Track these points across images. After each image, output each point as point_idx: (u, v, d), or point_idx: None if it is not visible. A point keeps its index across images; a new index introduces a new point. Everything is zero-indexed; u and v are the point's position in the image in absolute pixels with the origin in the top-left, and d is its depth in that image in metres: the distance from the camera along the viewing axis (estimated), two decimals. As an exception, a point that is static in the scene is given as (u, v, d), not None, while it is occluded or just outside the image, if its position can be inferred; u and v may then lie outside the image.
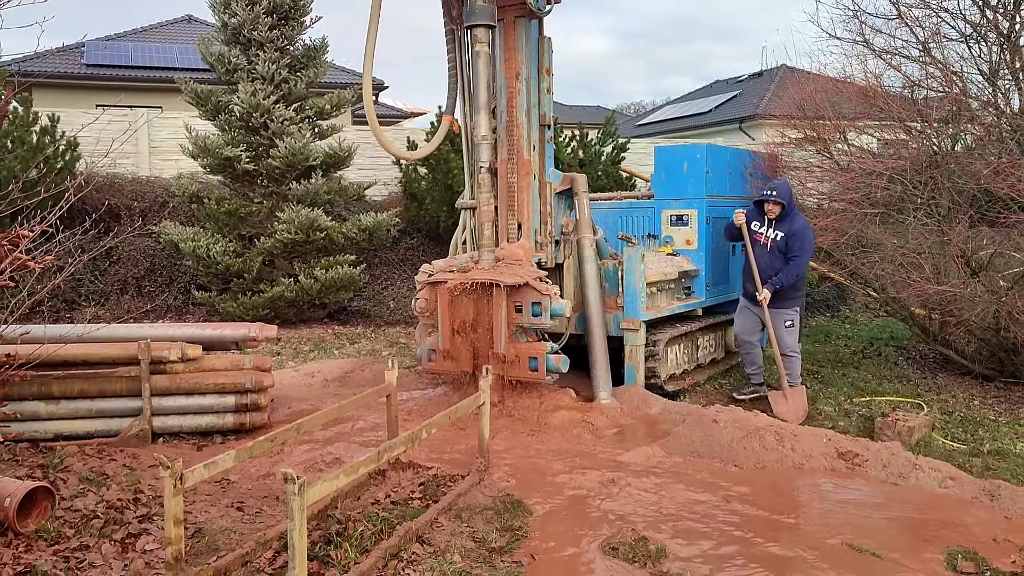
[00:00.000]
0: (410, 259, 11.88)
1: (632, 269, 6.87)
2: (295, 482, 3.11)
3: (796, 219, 6.90)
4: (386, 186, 12.96)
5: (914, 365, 9.07)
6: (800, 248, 6.79)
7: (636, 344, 6.94)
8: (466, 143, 7.33)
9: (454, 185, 11.44)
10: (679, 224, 8.12)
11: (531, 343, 6.40)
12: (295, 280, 9.54)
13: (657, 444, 5.71)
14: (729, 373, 8.51)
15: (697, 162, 7.98)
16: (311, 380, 7.36)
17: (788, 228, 6.83)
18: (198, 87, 9.67)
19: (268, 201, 9.83)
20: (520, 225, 6.88)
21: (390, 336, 10.03)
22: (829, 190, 7.72)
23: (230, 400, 5.66)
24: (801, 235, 6.81)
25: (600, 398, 6.66)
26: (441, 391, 7.04)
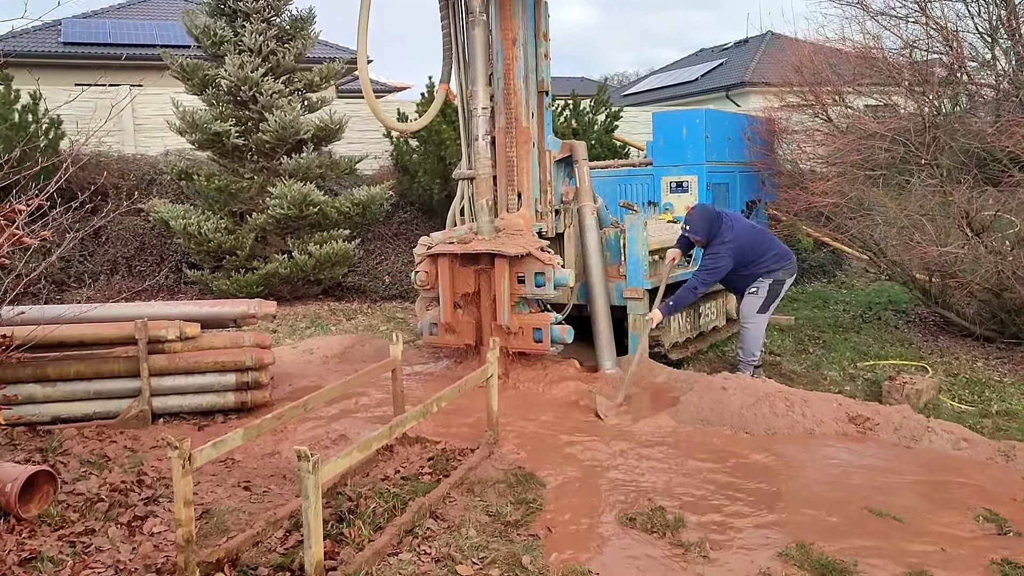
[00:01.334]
0: (404, 233, 11.72)
1: (634, 237, 6.77)
2: (309, 459, 3.02)
3: (716, 243, 6.44)
4: (377, 159, 12.76)
5: (915, 328, 9.04)
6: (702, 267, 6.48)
7: (639, 313, 6.85)
8: (462, 112, 7.17)
9: (447, 157, 11.27)
10: (679, 190, 8.03)
11: (534, 314, 6.31)
12: (289, 256, 9.39)
13: (666, 413, 5.64)
14: (731, 340, 8.45)
15: (696, 127, 7.88)
16: (310, 357, 7.25)
17: (708, 250, 6.53)
18: (184, 60, 9.43)
19: (259, 176, 9.64)
20: (520, 195, 6.75)
21: (387, 311, 9.92)
22: (828, 153, 7.61)
23: (230, 378, 5.55)
24: (707, 256, 6.47)
25: (605, 368, 6.59)
26: (443, 365, 6.95)
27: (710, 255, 6.43)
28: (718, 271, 6.41)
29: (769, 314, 6.67)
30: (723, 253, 6.37)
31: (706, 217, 6.51)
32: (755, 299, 6.58)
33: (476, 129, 6.45)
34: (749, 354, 6.64)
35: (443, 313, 6.41)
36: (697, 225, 6.49)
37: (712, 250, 6.43)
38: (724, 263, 6.38)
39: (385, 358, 7.21)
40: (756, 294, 6.57)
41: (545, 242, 6.49)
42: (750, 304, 6.61)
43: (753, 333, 6.61)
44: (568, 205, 7.08)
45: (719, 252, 6.38)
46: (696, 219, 6.52)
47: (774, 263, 6.52)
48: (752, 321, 6.60)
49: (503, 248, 6.06)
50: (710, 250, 6.46)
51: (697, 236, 6.52)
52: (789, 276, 6.63)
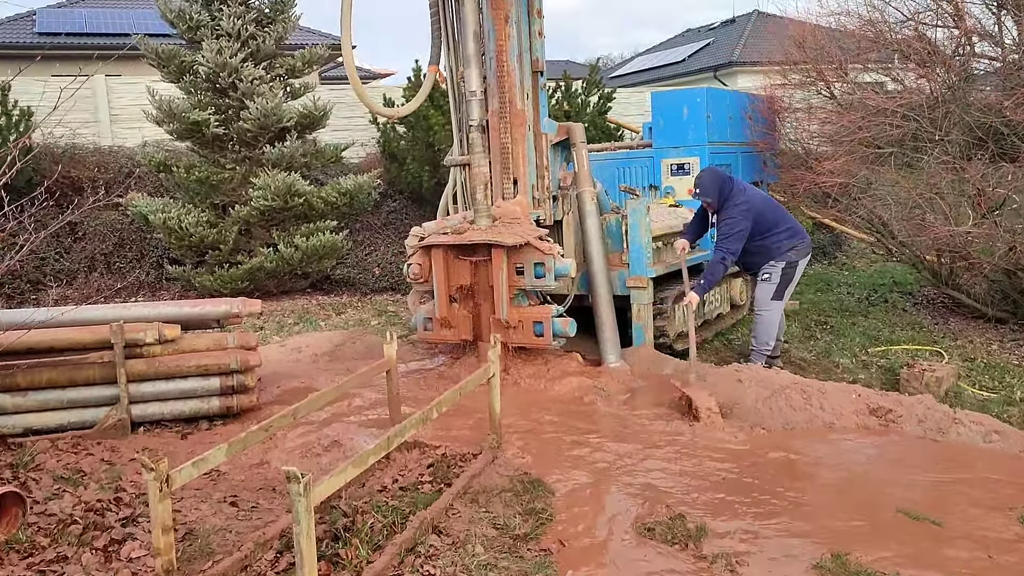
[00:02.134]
0: (393, 223, 11.40)
1: (637, 223, 6.48)
2: (300, 480, 2.73)
3: (729, 205, 6.16)
4: (363, 147, 12.41)
5: (924, 311, 8.82)
6: (721, 235, 6.16)
7: (644, 303, 6.58)
8: (452, 95, 6.87)
9: (435, 143, 10.94)
10: (680, 173, 7.75)
11: (534, 307, 6.03)
12: (274, 250, 9.06)
13: (676, 409, 5.38)
14: (736, 328, 8.21)
15: (697, 107, 7.58)
16: (299, 355, 6.95)
17: (720, 215, 6.25)
18: (159, 47, 9.05)
19: (241, 167, 9.29)
20: (516, 181, 6.45)
21: (377, 305, 9.62)
22: (833, 131, 7.33)
23: (215, 383, 5.24)
24: (722, 222, 6.16)
25: (608, 361, 6.32)
26: (439, 361, 6.67)
27: (726, 221, 6.14)
28: (740, 235, 6.11)
29: (785, 300, 6.42)
30: (738, 215, 6.10)
31: (716, 178, 6.25)
32: (768, 285, 6.32)
33: (469, 113, 6.14)
34: (763, 343, 6.39)
35: (438, 307, 6.11)
36: (707, 187, 6.22)
37: (727, 214, 6.15)
38: (743, 225, 6.10)
39: (378, 355, 6.94)
40: (769, 280, 6.31)
41: (544, 231, 6.20)
42: (764, 291, 6.36)
43: (767, 320, 6.35)
44: (566, 191, 6.78)
45: (734, 215, 6.11)
46: (706, 181, 6.26)
47: (787, 239, 6.25)
48: (767, 308, 6.35)
49: (500, 238, 5.76)
50: (724, 215, 6.17)
51: (708, 198, 6.24)
52: (802, 257, 6.37)
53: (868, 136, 7.02)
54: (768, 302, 6.33)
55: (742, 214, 6.09)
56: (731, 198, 6.17)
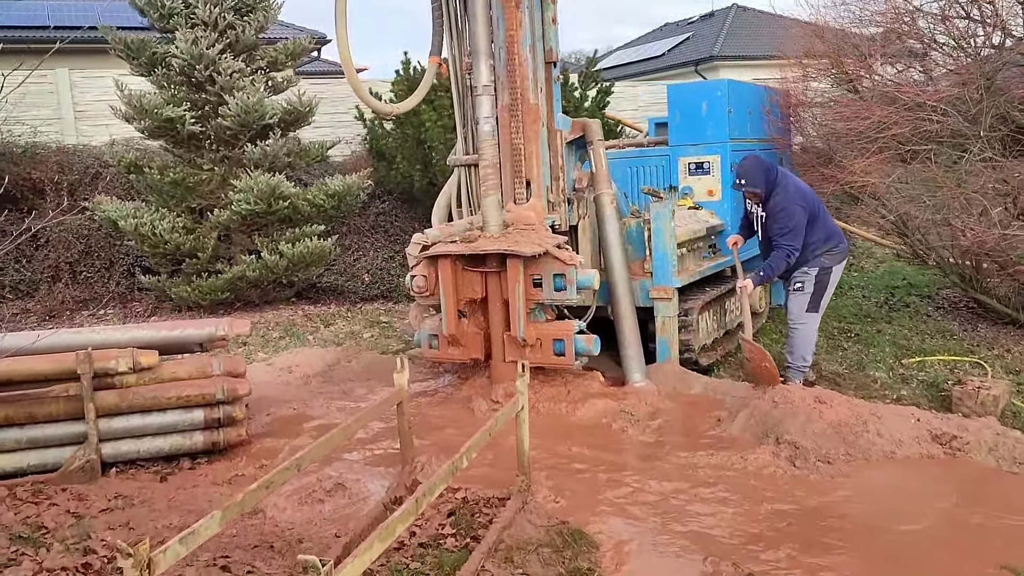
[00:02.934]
0: (382, 225, 10.81)
1: (661, 228, 5.97)
2: (319, 570, 2.18)
3: (778, 194, 5.75)
4: (348, 145, 11.80)
5: (948, 316, 8.40)
6: (779, 230, 5.70)
7: (668, 315, 6.08)
8: (456, 88, 6.31)
9: (427, 141, 10.36)
10: (699, 172, 7.25)
11: (554, 323, 5.50)
12: (257, 257, 8.45)
13: (717, 437, 4.88)
14: (756, 338, 7.71)
15: (718, 101, 7.08)
16: (289, 376, 6.37)
17: (768, 209, 5.81)
18: (127, 36, 8.39)
19: (220, 167, 8.66)
20: (528, 183, 5.91)
21: (368, 315, 9.03)
22: (865, 128, 6.85)
23: (198, 415, 4.66)
24: (775, 214, 5.73)
25: (633, 380, 5.80)
26: (446, 381, 6.12)
27: (782, 213, 5.68)
28: (800, 227, 5.66)
29: (821, 312, 5.95)
30: (793, 207, 5.66)
31: (760, 166, 5.79)
32: (801, 296, 5.85)
33: (479, 109, 5.59)
34: (799, 359, 5.91)
35: (445, 323, 5.56)
36: (752, 176, 5.75)
37: (779, 205, 5.70)
38: (799, 216, 5.65)
39: (376, 374, 6.40)
40: (801, 290, 5.84)
41: (562, 238, 5.67)
42: (797, 303, 5.88)
43: (803, 335, 5.88)
44: (582, 193, 6.26)
45: (788, 207, 5.67)
46: (751, 170, 5.77)
47: (822, 242, 5.80)
48: (801, 321, 5.88)
49: (517, 247, 5.22)
50: (776, 206, 5.72)
51: (755, 188, 5.77)
52: (837, 262, 5.90)
53: (903, 132, 6.54)
54: (803, 315, 5.86)
55: (797, 205, 5.67)
56: (779, 185, 5.73)
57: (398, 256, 10.27)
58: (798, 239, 5.65)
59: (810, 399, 4.96)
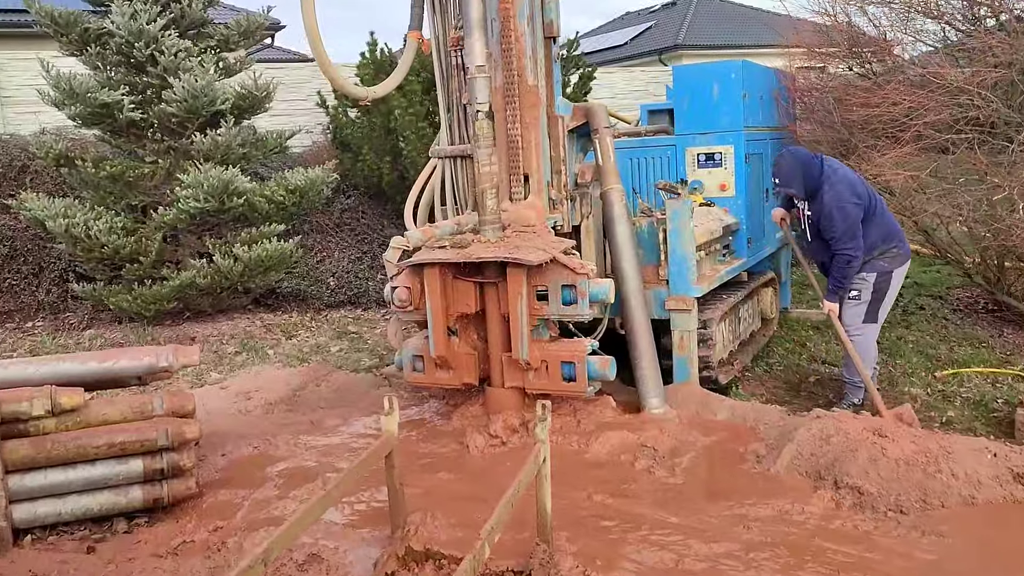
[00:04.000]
0: (348, 223, 9.97)
1: (679, 229, 5.28)
2: None
3: (826, 191, 5.15)
4: (309, 134, 10.91)
5: (968, 319, 7.86)
6: (834, 233, 5.11)
7: (687, 329, 5.39)
8: (439, 68, 5.55)
9: (396, 130, 9.56)
10: (709, 164, 6.56)
11: (562, 342, 4.76)
12: (209, 261, 7.57)
13: (762, 480, 4.18)
14: (770, 349, 7.09)
15: (731, 84, 6.40)
16: (247, 403, 5.54)
17: (817, 209, 5.20)
18: (54, 10, 7.42)
19: (164, 160, 7.76)
20: (527, 177, 5.16)
21: (335, 323, 8.21)
22: (893, 114, 6.22)
23: (136, 466, 3.85)
24: (828, 213, 5.11)
25: (650, 407, 5.09)
26: (432, 409, 5.35)
27: (834, 213, 5.06)
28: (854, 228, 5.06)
29: (881, 321, 5.37)
30: (844, 206, 5.05)
31: (797, 164, 5.18)
32: (857, 306, 5.24)
33: (473, 94, 4.81)
34: (856, 374, 5.27)
35: (433, 343, 4.78)
36: (788, 174, 5.18)
37: (828, 206, 5.08)
38: (853, 215, 5.06)
39: (351, 402, 5.57)
40: (858, 299, 5.23)
41: (569, 242, 4.94)
42: (853, 313, 5.27)
43: (861, 347, 5.30)
44: (585, 189, 5.52)
45: (840, 207, 5.05)
46: (785, 168, 5.19)
47: (880, 242, 5.19)
48: (858, 332, 5.27)
49: (520, 254, 4.47)
50: (825, 205, 5.10)
51: (791, 189, 5.19)
52: (899, 265, 5.27)
53: (940, 119, 5.92)
54: (860, 326, 5.24)
55: (849, 202, 5.05)
56: (826, 181, 5.11)
57: (366, 257, 9.46)
58: (857, 239, 5.06)
59: (867, 431, 4.29)
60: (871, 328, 5.29)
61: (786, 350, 7.11)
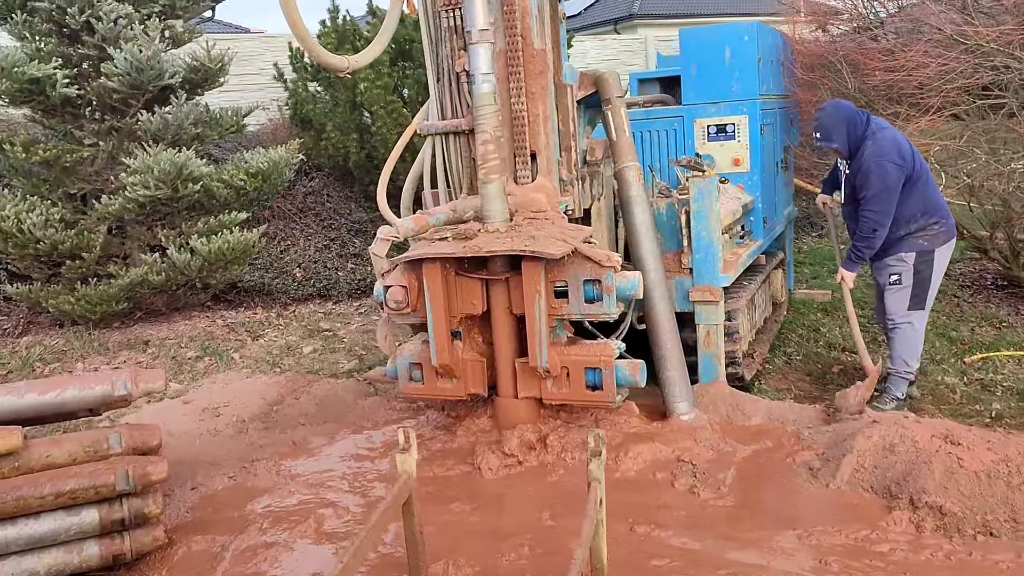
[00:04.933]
0: (312, 207, 9.25)
1: (705, 211, 4.76)
2: None
3: (867, 147, 4.67)
4: (265, 111, 10.13)
5: (980, 297, 7.54)
6: (867, 188, 4.61)
7: (714, 322, 4.89)
8: (428, 31, 4.89)
9: (363, 104, 8.85)
10: (721, 137, 6.05)
11: (585, 345, 4.20)
12: (162, 255, 6.83)
13: (824, 499, 3.69)
14: (784, 336, 6.63)
15: (745, 48, 5.88)
16: (216, 422, 4.89)
17: (855, 167, 4.71)
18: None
19: (107, 141, 6.97)
20: (534, 156, 4.56)
21: (305, 320, 7.54)
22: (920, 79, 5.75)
23: (90, 517, 3.22)
24: (866, 170, 4.62)
25: (679, 412, 4.57)
26: (431, 422, 4.78)
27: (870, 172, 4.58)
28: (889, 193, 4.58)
29: (929, 307, 4.90)
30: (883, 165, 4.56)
31: (843, 116, 4.70)
32: (900, 292, 4.79)
33: (473, 61, 4.20)
34: (902, 364, 4.89)
35: (435, 350, 4.19)
36: (830, 128, 4.69)
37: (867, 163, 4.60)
38: (892, 177, 4.57)
39: (338, 415, 4.91)
40: (900, 284, 4.77)
41: (589, 229, 4.38)
42: (896, 300, 4.84)
43: (907, 336, 4.85)
44: (596, 168, 4.95)
45: (879, 165, 4.56)
46: (827, 120, 4.71)
47: (920, 216, 4.70)
48: (905, 320, 4.85)
49: (538, 246, 3.88)
50: (863, 162, 4.62)
51: (832, 143, 4.69)
52: (941, 244, 4.80)
53: (972, 83, 5.46)
54: (906, 314, 4.80)
55: (891, 162, 4.56)
56: (867, 139, 4.63)
57: (334, 245, 8.79)
58: (888, 206, 4.59)
59: (937, 438, 3.82)
60: (919, 316, 4.83)
61: (800, 337, 6.67)
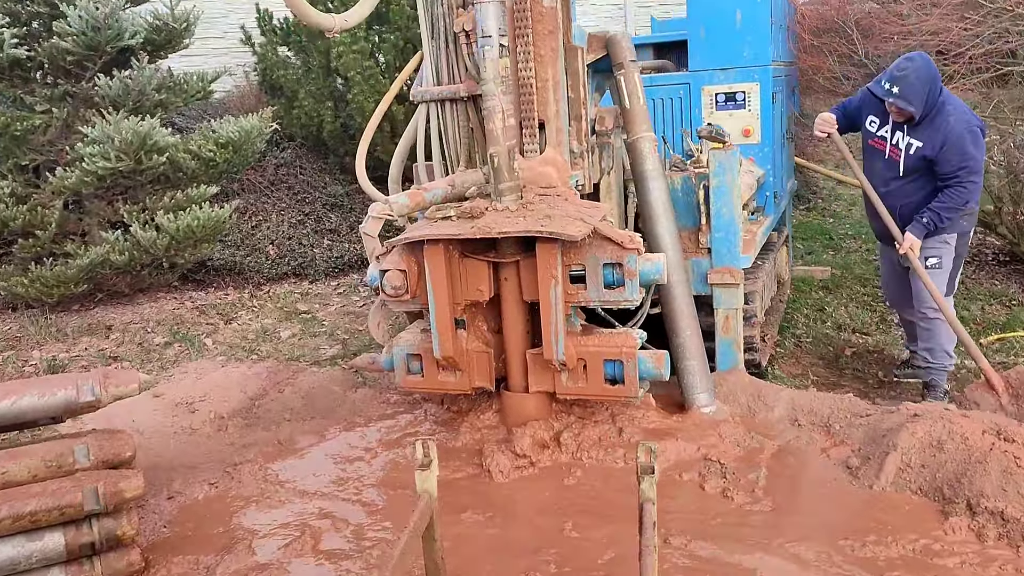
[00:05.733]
0: (284, 180, 8.74)
1: (726, 186, 4.43)
2: None
3: (945, 115, 4.26)
4: (232, 77, 9.56)
5: (982, 272, 7.34)
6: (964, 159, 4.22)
7: (734, 307, 4.56)
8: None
9: (339, 70, 8.36)
10: (730, 106, 5.70)
11: (603, 335, 3.85)
12: (125, 233, 6.33)
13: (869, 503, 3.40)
14: (790, 317, 6.35)
15: (758, 9, 5.52)
16: (192, 418, 4.47)
17: (933, 136, 4.27)
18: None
19: (60, 108, 6.43)
20: (542, 125, 4.16)
21: (280, 301, 7.10)
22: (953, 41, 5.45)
23: (54, 542, 2.82)
24: (956, 140, 4.22)
25: (699, 404, 4.26)
26: (429, 416, 4.40)
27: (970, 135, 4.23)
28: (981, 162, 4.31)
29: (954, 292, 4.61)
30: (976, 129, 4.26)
31: (931, 75, 4.23)
32: (939, 275, 4.49)
33: (481, 20, 3.79)
34: (943, 356, 4.60)
35: (438, 340, 3.81)
36: (916, 85, 4.17)
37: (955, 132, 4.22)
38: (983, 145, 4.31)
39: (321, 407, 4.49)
40: (939, 267, 4.47)
41: (605, 207, 4.01)
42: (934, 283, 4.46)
43: (945, 326, 4.49)
44: (606, 138, 4.57)
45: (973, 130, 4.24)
46: (914, 76, 4.17)
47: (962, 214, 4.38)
48: (932, 308, 4.50)
49: (556, 226, 3.51)
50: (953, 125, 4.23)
51: (911, 106, 4.20)
52: (974, 224, 4.54)
53: (998, 48, 5.17)
54: (938, 298, 4.46)
55: (978, 127, 4.26)
56: (947, 102, 4.26)
57: (309, 220, 8.32)
58: (981, 177, 4.31)
59: (989, 434, 3.54)
60: (950, 302, 4.56)
61: (806, 317, 6.41)
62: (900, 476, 3.54)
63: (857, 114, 4.69)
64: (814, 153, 10.76)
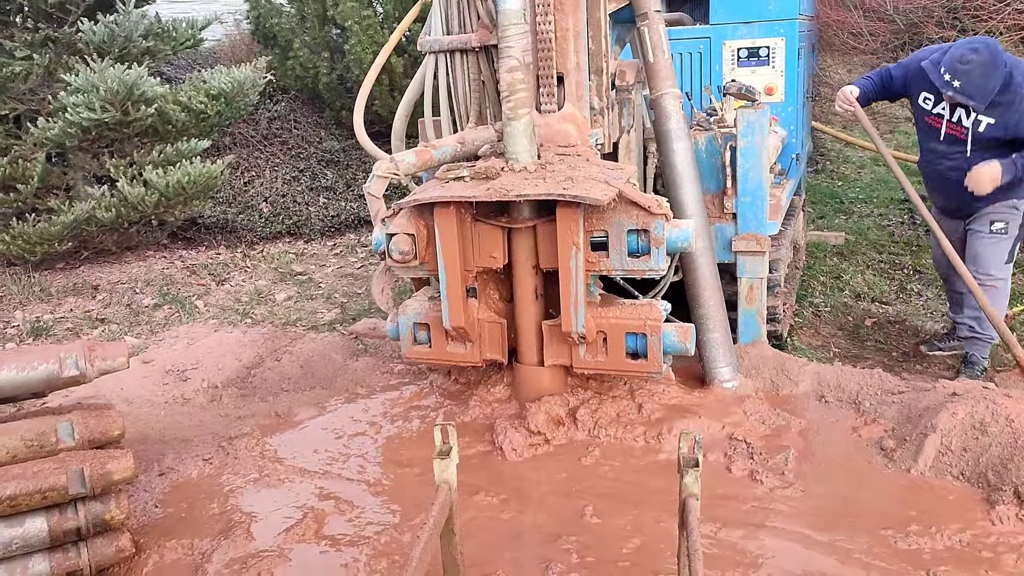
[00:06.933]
0: (278, 134, 8.42)
1: (755, 148, 4.18)
2: None
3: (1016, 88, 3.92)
4: (222, 24, 9.16)
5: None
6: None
7: (759, 275, 4.34)
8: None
9: (335, 19, 8.01)
10: (753, 62, 5.42)
11: (624, 306, 3.62)
12: (111, 188, 6.04)
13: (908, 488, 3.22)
14: (807, 285, 6.14)
15: (785, -43, 5.20)
16: (184, 387, 4.24)
17: (1006, 113, 3.96)
18: None
19: (42, 55, 6.09)
20: (560, 79, 3.89)
21: (274, 261, 6.84)
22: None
23: (36, 527, 2.61)
24: None
25: (721, 379, 4.05)
26: (434, 387, 4.17)
27: None
28: None
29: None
30: None
31: (998, 64, 3.88)
32: (1003, 242, 4.28)
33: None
34: (988, 330, 4.36)
35: (448, 310, 3.58)
36: (978, 82, 3.85)
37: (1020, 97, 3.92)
38: None
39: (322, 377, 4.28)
40: (1004, 233, 4.25)
41: (632, 168, 3.76)
42: (995, 251, 4.32)
43: (1002, 294, 4.35)
44: (626, 94, 4.29)
45: None
46: (979, 72, 3.84)
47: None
48: (1001, 276, 4.32)
49: (578, 189, 3.26)
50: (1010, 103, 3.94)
51: (972, 100, 3.90)
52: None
53: None
54: (1001, 267, 4.31)
55: None
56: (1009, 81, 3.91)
57: (304, 176, 8.02)
58: None
59: None
60: (1009, 271, 4.35)
61: (823, 285, 6.20)
62: (940, 460, 3.36)
63: (902, 88, 4.42)
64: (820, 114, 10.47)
